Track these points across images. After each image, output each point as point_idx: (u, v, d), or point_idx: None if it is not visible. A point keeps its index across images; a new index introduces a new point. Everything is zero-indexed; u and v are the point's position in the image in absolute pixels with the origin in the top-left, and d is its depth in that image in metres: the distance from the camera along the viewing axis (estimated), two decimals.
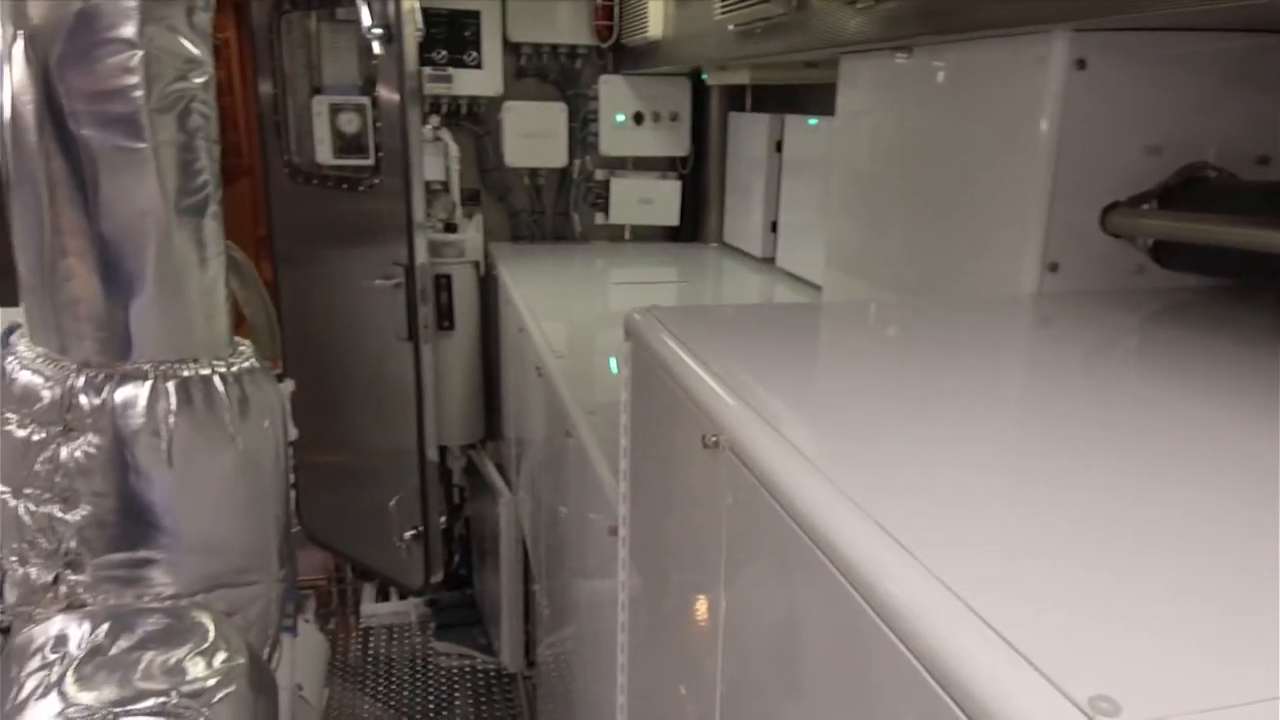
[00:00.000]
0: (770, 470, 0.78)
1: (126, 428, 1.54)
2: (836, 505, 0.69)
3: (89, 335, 1.55)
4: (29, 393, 1.57)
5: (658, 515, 1.26)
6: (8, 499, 1.60)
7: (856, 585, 0.64)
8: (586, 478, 1.78)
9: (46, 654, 1.54)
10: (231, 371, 1.66)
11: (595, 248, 4.09)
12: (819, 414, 0.93)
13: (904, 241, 1.88)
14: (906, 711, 0.61)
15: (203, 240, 1.62)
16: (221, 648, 1.59)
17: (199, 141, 1.58)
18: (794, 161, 3.30)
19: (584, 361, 2.42)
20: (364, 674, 3.85)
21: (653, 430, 1.25)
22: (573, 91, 3.95)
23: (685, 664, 1.16)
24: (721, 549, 0.92)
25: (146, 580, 1.61)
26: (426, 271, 3.25)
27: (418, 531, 3.39)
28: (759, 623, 0.87)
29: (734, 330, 1.31)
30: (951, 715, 0.53)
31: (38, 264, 1.55)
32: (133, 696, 1.48)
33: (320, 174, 3.45)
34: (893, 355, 1.20)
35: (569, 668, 2.41)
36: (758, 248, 3.51)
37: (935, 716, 0.55)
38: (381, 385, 3.41)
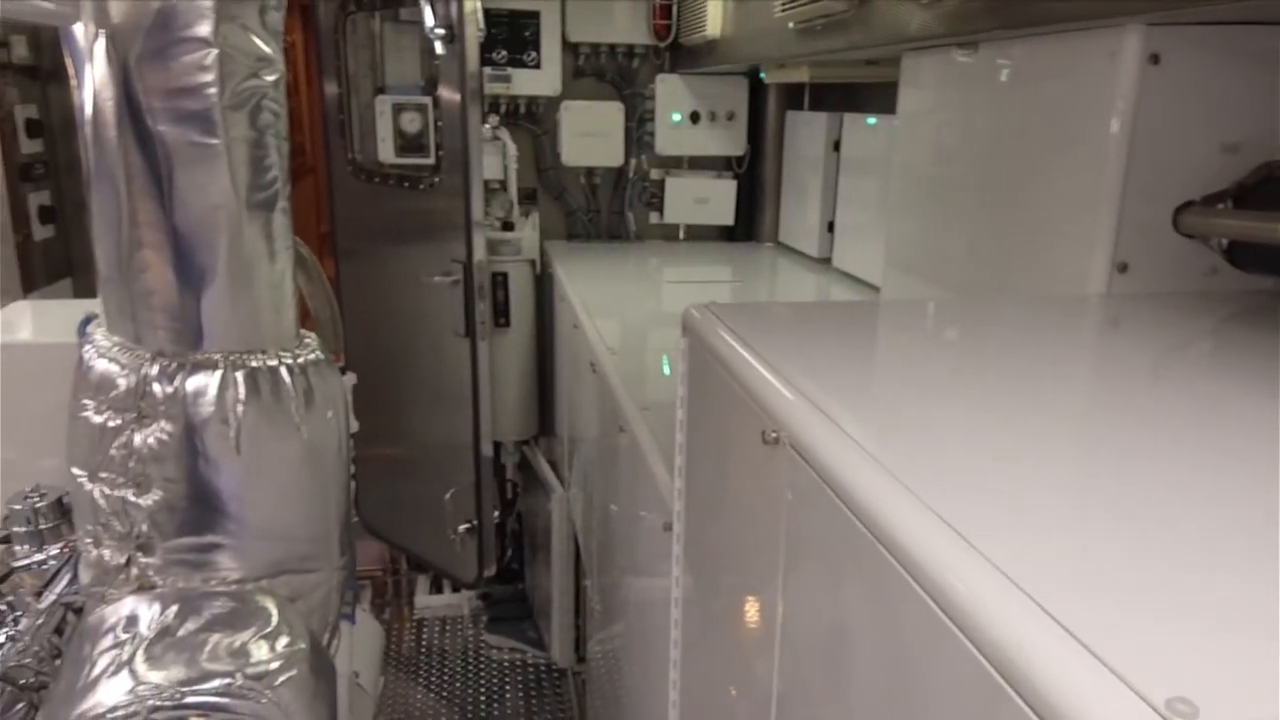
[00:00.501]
0: (833, 466, 0.77)
1: (197, 416, 1.59)
2: (902, 502, 0.69)
3: (162, 325, 1.60)
4: (105, 380, 1.63)
5: (714, 512, 1.26)
6: (84, 482, 1.65)
7: (923, 583, 0.63)
8: (640, 473, 1.79)
9: (118, 633, 1.59)
10: (298, 363, 1.70)
11: (649, 247, 4.10)
12: (881, 411, 0.92)
13: (967, 241, 1.85)
14: (976, 714, 0.60)
15: (272, 234, 1.66)
16: (284, 632, 1.63)
17: (269, 138, 1.62)
18: (852, 160, 3.27)
19: (637, 359, 2.43)
20: (417, 664, 3.91)
21: (710, 426, 1.25)
22: (629, 91, 3.96)
23: (740, 663, 1.15)
24: (780, 546, 0.91)
25: (213, 564, 1.66)
26: (484, 269, 3.29)
27: (472, 525, 3.43)
28: (819, 621, 0.87)
29: (793, 327, 1.31)
30: (1022, 717, 0.53)
31: (115, 256, 1.60)
32: (199, 677, 1.52)
33: (382, 172, 3.51)
34: (956, 354, 1.18)
35: (620, 664, 2.42)
36: (814, 247, 3.48)
37: (1005, 718, 0.54)
38: (438, 380, 3.46)
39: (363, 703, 2.50)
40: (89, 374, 1.65)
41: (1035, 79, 1.60)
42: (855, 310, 1.87)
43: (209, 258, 1.59)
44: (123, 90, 1.51)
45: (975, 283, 1.79)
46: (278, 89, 1.61)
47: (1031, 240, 1.60)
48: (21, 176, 3.47)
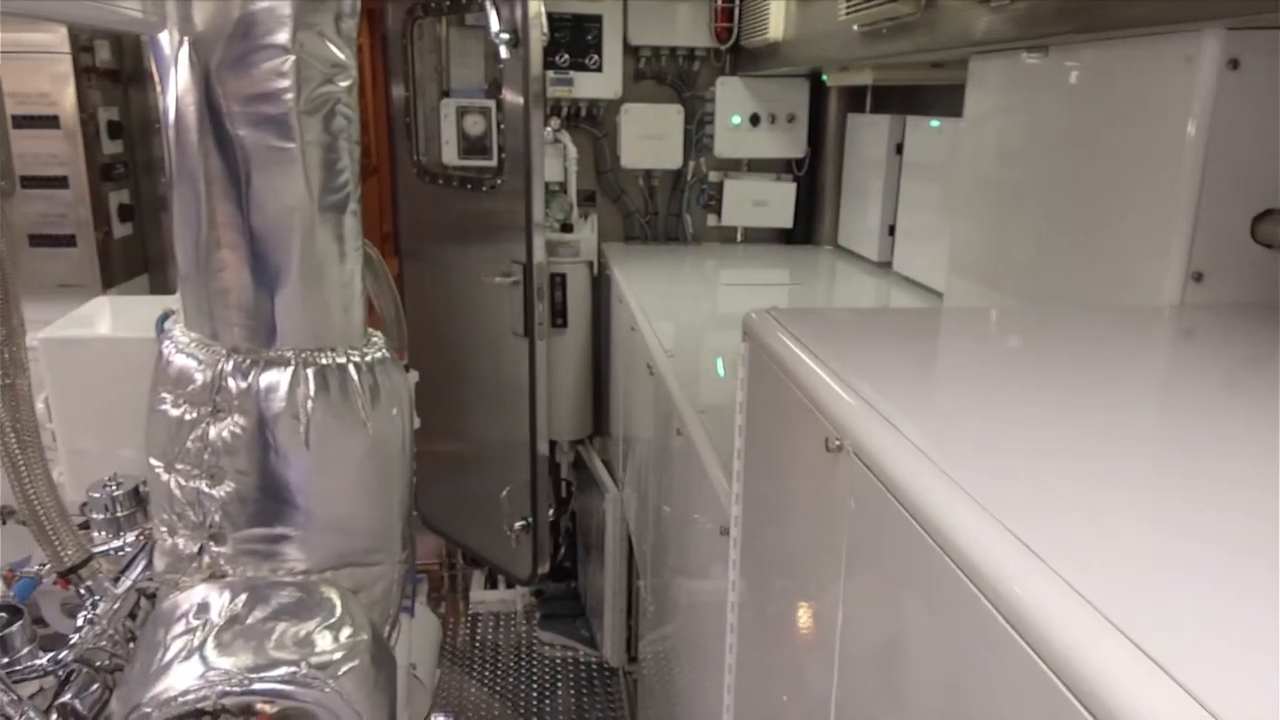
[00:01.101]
0: (898, 476, 0.77)
1: (269, 410, 1.64)
2: (969, 513, 0.68)
3: (238, 323, 1.65)
4: (183, 375, 1.68)
5: (773, 518, 1.26)
6: (161, 473, 1.72)
7: (988, 595, 0.63)
8: (697, 477, 1.79)
9: (190, 620, 1.65)
10: (365, 361, 1.74)
11: (707, 249, 4.10)
12: (947, 420, 0.92)
13: (1034, 248, 1.82)
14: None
15: (342, 236, 1.70)
16: (347, 623, 1.67)
17: (342, 142, 1.66)
18: (915, 164, 3.23)
19: (694, 361, 2.43)
20: (471, 658, 3.97)
21: (770, 432, 1.25)
22: (689, 94, 3.97)
23: (798, 670, 1.16)
24: (841, 555, 0.91)
25: (281, 555, 1.71)
26: (543, 270, 3.32)
27: (527, 522, 3.47)
28: (879, 631, 0.87)
29: (855, 333, 1.30)
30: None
31: (194, 255, 1.66)
32: (266, 664, 1.57)
33: (445, 174, 3.57)
34: (1022, 364, 1.17)
35: (672, 666, 2.43)
36: (874, 251, 3.45)
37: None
38: (497, 379, 3.51)
39: (419, 695, 2.55)
40: (168, 369, 1.71)
41: (1107, 83, 1.56)
42: (919, 317, 1.85)
43: (283, 258, 1.64)
44: (204, 95, 1.56)
45: (1042, 291, 1.77)
46: (350, 94, 1.66)
47: (1102, 248, 1.56)
48: (103, 176, 3.61)
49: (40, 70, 3.38)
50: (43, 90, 3.40)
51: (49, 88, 3.41)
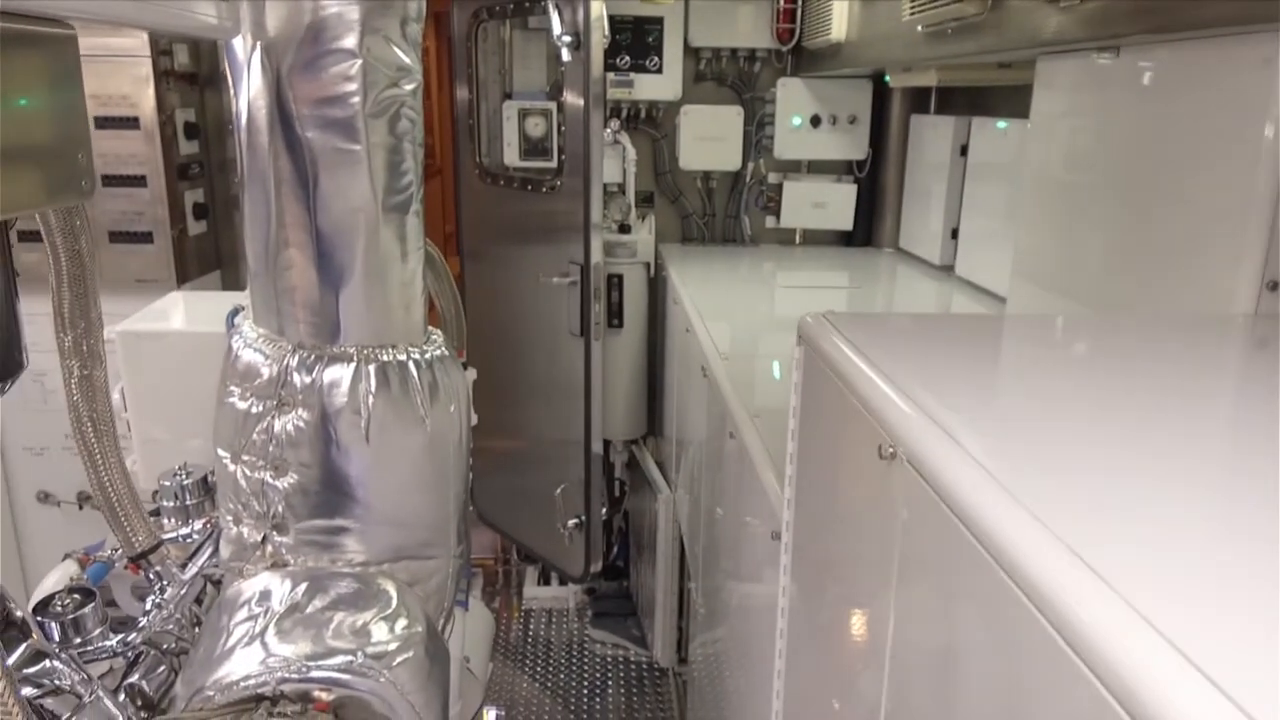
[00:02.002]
0: (952, 486, 0.76)
1: (331, 405, 1.68)
2: (1025, 526, 0.67)
3: (303, 319, 1.70)
4: (251, 369, 1.74)
5: (825, 524, 1.25)
6: (228, 463, 1.77)
7: (1043, 609, 0.62)
8: (749, 480, 1.79)
9: (252, 606, 1.70)
10: (424, 358, 1.77)
11: (764, 251, 4.08)
12: (1005, 431, 0.90)
13: (1102, 253, 1.77)
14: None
15: (405, 236, 1.73)
16: (403, 615, 1.71)
17: (406, 144, 1.69)
18: (980, 166, 3.18)
19: (749, 364, 2.42)
20: (523, 654, 4.01)
21: (823, 437, 1.24)
22: (749, 95, 3.95)
23: (847, 678, 1.15)
24: (893, 562, 0.91)
25: (340, 547, 1.75)
26: (600, 271, 3.34)
27: (580, 521, 3.50)
28: (930, 640, 0.86)
29: (913, 339, 1.28)
30: None
31: (263, 253, 1.71)
32: (324, 653, 1.61)
33: (507, 175, 3.62)
34: (1086, 373, 1.14)
35: (722, 669, 2.42)
36: (936, 254, 3.40)
37: None
38: (553, 378, 3.54)
39: (472, 687, 2.58)
40: (236, 363, 1.76)
41: (1181, 84, 1.52)
42: (979, 324, 1.82)
43: (347, 257, 1.68)
44: (275, 98, 1.61)
45: (1110, 297, 1.72)
46: (415, 97, 1.69)
47: (1173, 254, 1.52)
48: (179, 175, 3.73)
49: (122, 73, 3.51)
50: (124, 93, 3.54)
51: (130, 90, 3.54)
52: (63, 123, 1.06)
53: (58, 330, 1.57)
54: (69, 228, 1.45)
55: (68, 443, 3.94)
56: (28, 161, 1.00)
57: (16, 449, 3.89)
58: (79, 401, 1.64)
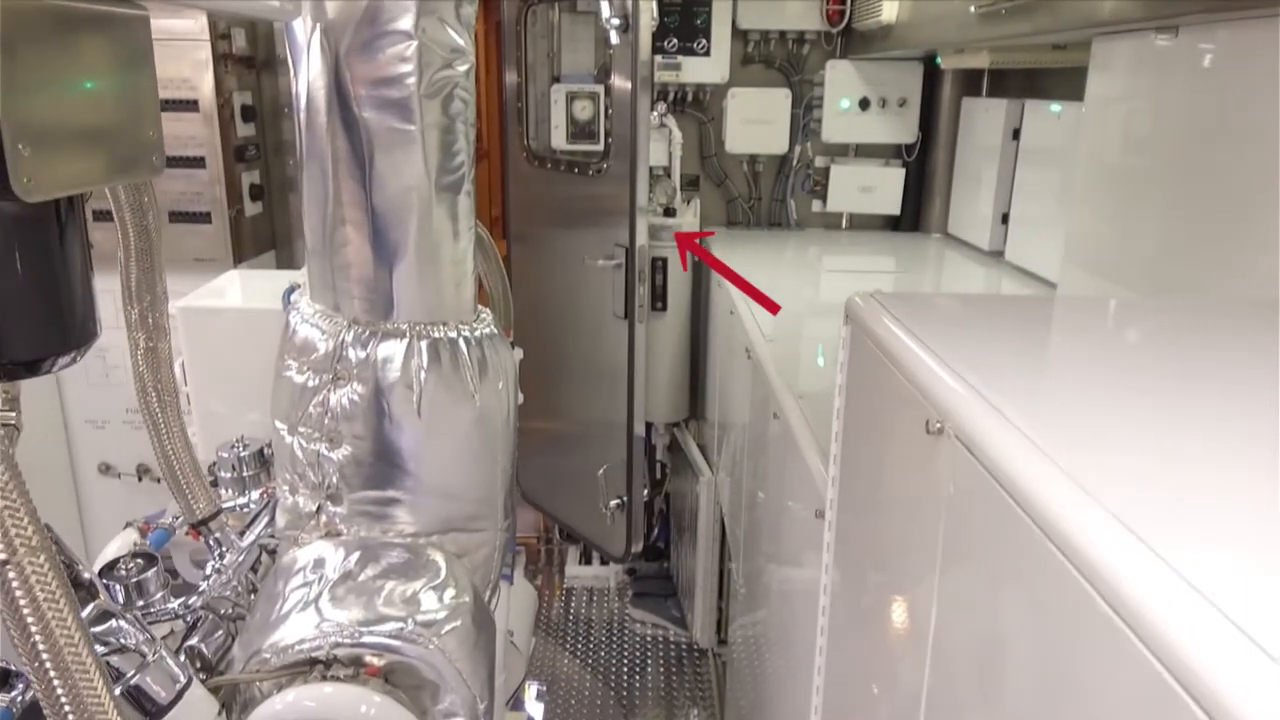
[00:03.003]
0: (1000, 460, 0.77)
1: (385, 380, 1.72)
2: (1074, 499, 0.67)
3: (358, 296, 1.74)
4: (308, 344, 1.78)
5: (869, 501, 1.26)
6: (285, 435, 1.83)
7: (1096, 584, 0.62)
8: (792, 460, 1.80)
9: (307, 574, 1.75)
10: (474, 335, 1.81)
11: (810, 235, 4.07)
12: (1054, 407, 0.90)
13: (1158, 239, 1.75)
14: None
15: (457, 215, 1.76)
16: (451, 585, 1.75)
17: (459, 125, 1.72)
18: (1032, 150, 3.13)
19: (793, 346, 2.43)
20: (564, 632, 4.07)
21: (869, 415, 1.25)
22: (797, 77, 3.93)
23: (890, 657, 1.16)
24: (938, 539, 0.91)
25: (392, 518, 1.79)
26: (645, 253, 3.36)
27: (622, 501, 3.53)
28: (977, 617, 0.86)
29: (961, 318, 1.28)
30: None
31: (321, 231, 1.75)
32: (376, 619, 1.65)
33: (554, 158, 3.64)
34: (1137, 354, 1.13)
35: (762, 649, 2.44)
36: (985, 239, 3.36)
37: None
38: (596, 360, 3.57)
39: (516, 661, 2.63)
40: (294, 337, 1.81)
41: (1242, 66, 1.49)
42: (1029, 304, 1.80)
43: (401, 235, 1.71)
44: (333, 79, 1.65)
45: (1165, 283, 1.70)
46: (468, 79, 1.71)
47: (1231, 240, 1.49)
48: (236, 157, 3.82)
49: (182, 57, 3.59)
50: (184, 75, 3.62)
51: (189, 73, 3.63)
52: (135, 101, 1.10)
53: (125, 304, 1.64)
54: (138, 204, 1.50)
55: (128, 416, 4.07)
56: (101, 138, 1.05)
57: (79, 422, 4.03)
58: (144, 372, 1.70)
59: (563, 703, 3.61)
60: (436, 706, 1.68)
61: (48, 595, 0.93)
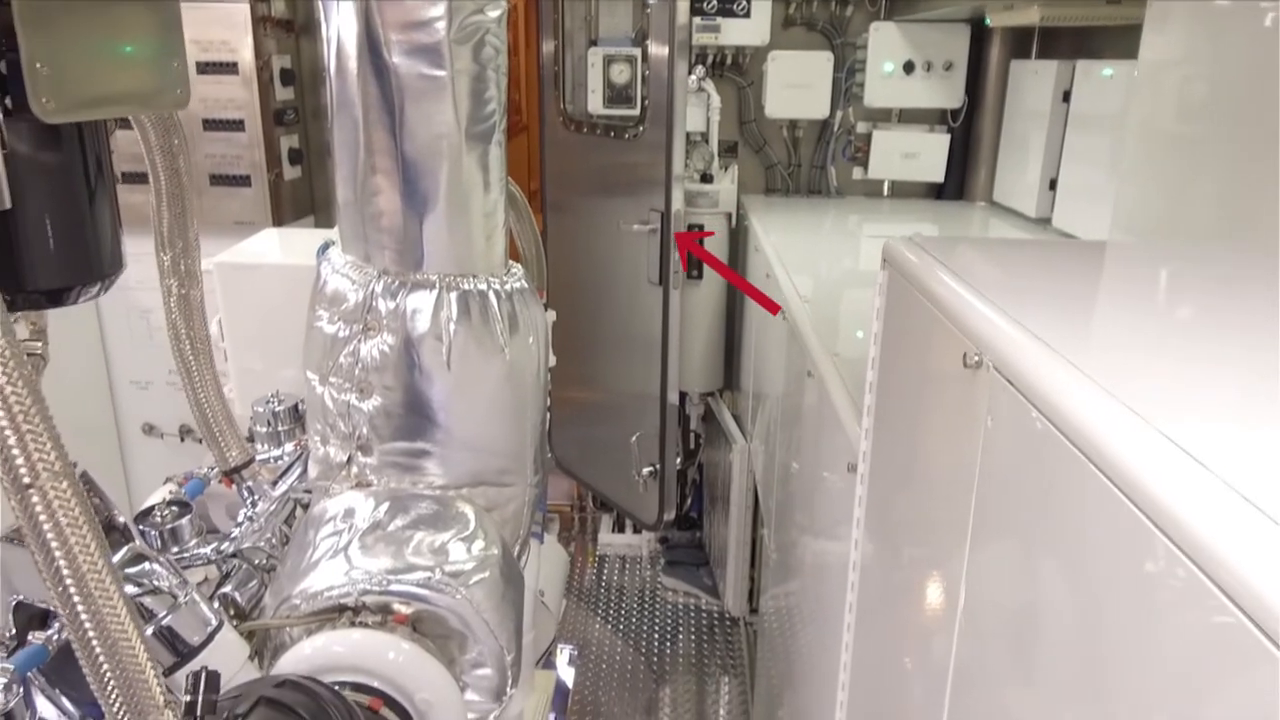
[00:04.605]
0: (1044, 389, 0.73)
1: (414, 331, 1.71)
2: (1124, 423, 0.63)
3: (389, 246, 1.73)
4: (338, 295, 1.78)
5: (902, 447, 1.22)
6: (316, 385, 1.83)
7: (1151, 513, 0.57)
8: (825, 415, 1.76)
9: (337, 523, 1.76)
10: (504, 289, 1.79)
11: (850, 203, 3.99)
12: (1096, 336, 0.86)
13: (1213, 209, 1.67)
14: (1229, 662, 0.51)
15: (488, 166, 1.74)
16: (480, 537, 1.74)
17: (489, 72, 1.69)
18: (1083, 114, 3.03)
19: (830, 308, 2.38)
20: (596, 598, 4.08)
21: (904, 359, 1.21)
22: (840, 40, 3.84)
23: (926, 604, 1.12)
24: (974, 474, 0.88)
25: (421, 469, 1.79)
26: (681, 219, 3.32)
27: (654, 469, 3.52)
28: (1021, 550, 0.82)
29: (1001, 258, 1.23)
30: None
31: (352, 181, 1.74)
32: (404, 568, 1.65)
33: (590, 123, 3.61)
34: (1188, 291, 1.07)
35: (794, 612, 2.42)
36: (1032, 207, 3.26)
37: (1259, 667, 0.47)
38: (631, 328, 3.55)
39: (546, 620, 2.64)
40: (325, 288, 1.81)
41: None
42: (1069, 247, 1.73)
43: (431, 185, 1.70)
44: (364, 25, 1.63)
45: None
46: (500, 25, 1.68)
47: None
48: (275, 121, 3.84)
49: (222, 19, 3.61)
50: (223, 38, 3.65)
51: (229, 36, 3.65)
52: (159, 28, 1.09)
53: (157, 249, 1.64)
54: (168, 146, 1.50)
55: (171, 377, 4.14)
56: (124, 64, 1.04)
57: (123, 382, 4.11)
58: (177, 319, 1.71)
59: (594, 667, 3.62)
60: (464, 656, 1.68)
61: (70, 520, 0.93)
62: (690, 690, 3.54)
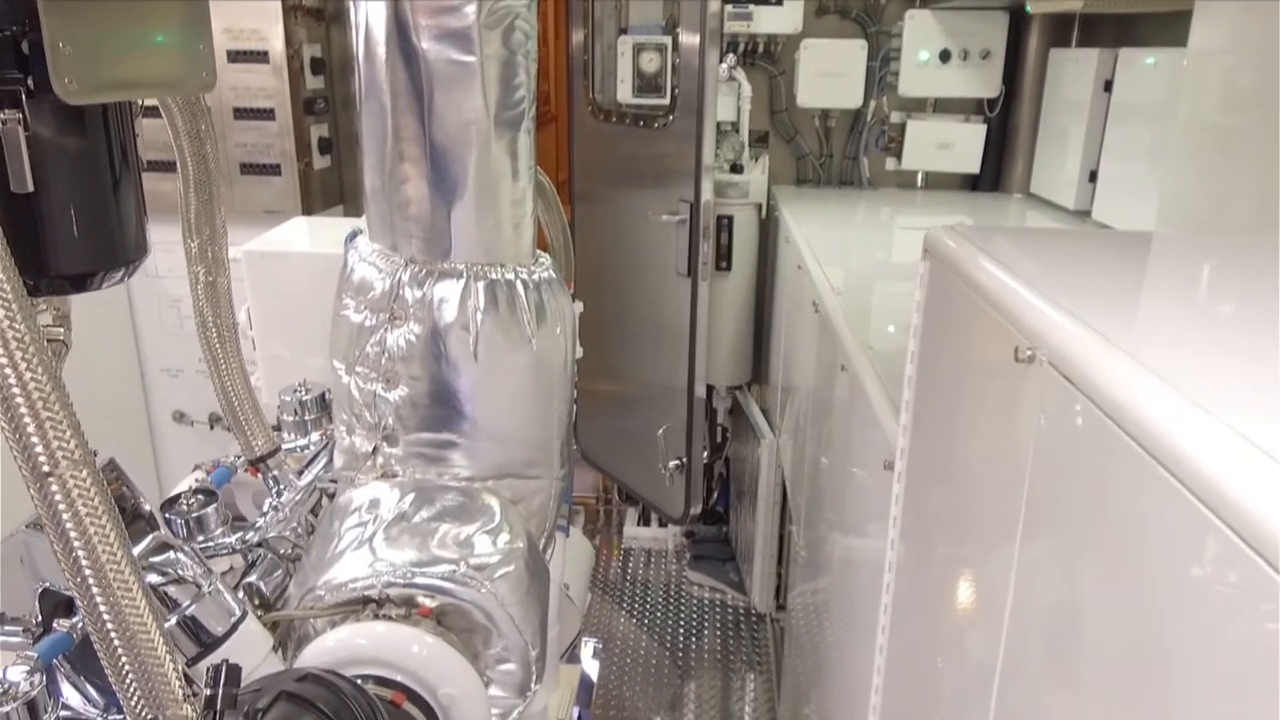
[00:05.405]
0: (1103, 384, 0.69)
1: (441, 320, 1.69)
2: (1195, 420, 0.59)
3: (416, 234, 1.71)
4: (365, 283, 1.76)
5: (944, 446, 1.18)
6: (342, 374, 1.81)
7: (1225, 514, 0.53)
8: (859, 410, 1.72)
9: (362, 514, 1.74)
10: (532, 279, 1.76)
11: (883, 194, 3.92)
12: (1151, 328, 0.81)
13: (1262, 205, 1.60)
14: None
15: (516, 153, 1.71)
16: (505, 530, 1.72)
17: (519, 58, 1.66)
18: (1125, 104, 2.94)
19: (863, 300, 2.33)
20: (621, 592, 4.05)
21: (947, 354, 1.16)
22: (874, 28, 3.77)
23: (968, 614, 1.08)
24: (1025, 475, 0.83)
25: (447, 461, 1.77)
26: (710, 209, 3.28)
27: (681, 462, 3.48)
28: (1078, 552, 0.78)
29: (1050, 248, 1.18)
30: None
31: (380, 167, 1.72)
32: (429, 561, 1.63)
33: (619, 112, 3.57)
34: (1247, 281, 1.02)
35: (823, 613, 2.38)
36: (1070, 199, 3.18)
37: None
38: (659, 320, 3.52)
39: (571, 614, 2.62)
40: (352, 276, 1.79)
41: None
42: (1118, 238, 1.67)
43: (460, 171, 1.67)
44: (393, 10, 1.60)
45: None
46: (530, 10, 1.65)
47: None
48: (305, 110, 3.83)
49: (253, 8, 3.61)
50: (254, 27, 3.64)
51: (259, 24, 3.64)
52: (185, 10, 1.07)
53: (185, 235, 1.63)
54: (195, 132, 1.49)
55: (201, 366, 4.16)
56: (149, 45, 1.02)
57: (155, 370, 4.13)
58: (204, 306, 1.70)
59: (618, 662, 3.60)
60: (489, 651, 1.66)
61: (90, 509, 0.92)
62: (715, 686, 3.51)
